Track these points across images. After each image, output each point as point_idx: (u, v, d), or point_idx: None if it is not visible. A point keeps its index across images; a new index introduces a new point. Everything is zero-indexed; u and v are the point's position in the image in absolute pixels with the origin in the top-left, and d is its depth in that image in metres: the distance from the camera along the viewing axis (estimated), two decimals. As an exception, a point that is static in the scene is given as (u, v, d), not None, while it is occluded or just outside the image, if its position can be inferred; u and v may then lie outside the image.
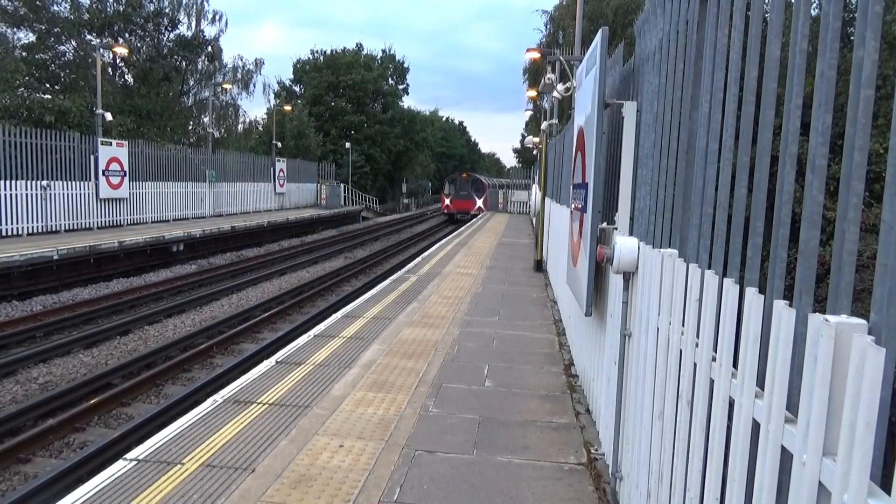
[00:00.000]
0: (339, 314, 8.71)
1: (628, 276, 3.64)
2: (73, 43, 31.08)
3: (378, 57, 61.51)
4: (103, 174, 20.44)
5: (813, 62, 1.82)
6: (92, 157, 20.11)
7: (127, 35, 33.37)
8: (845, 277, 1.60)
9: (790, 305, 1.74)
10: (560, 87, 11.50)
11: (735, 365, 2.10)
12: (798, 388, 1.65)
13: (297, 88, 56.66)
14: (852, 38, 1.64)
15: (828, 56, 1.72)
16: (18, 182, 17.37)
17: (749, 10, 2.30)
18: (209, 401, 5.20)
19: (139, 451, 4.22)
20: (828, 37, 1.72)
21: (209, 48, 37.37)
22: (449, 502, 3.78)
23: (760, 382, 1.90)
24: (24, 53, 29.11)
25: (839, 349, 1.47)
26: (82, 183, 19.83)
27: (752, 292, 1.96)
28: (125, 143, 21.97)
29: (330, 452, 4.35)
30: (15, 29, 29.48)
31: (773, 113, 2.03)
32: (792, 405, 1.71)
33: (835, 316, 1.52)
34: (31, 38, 30.28)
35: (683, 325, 2.60)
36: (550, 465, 4.33)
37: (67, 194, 19.20)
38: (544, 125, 16.43)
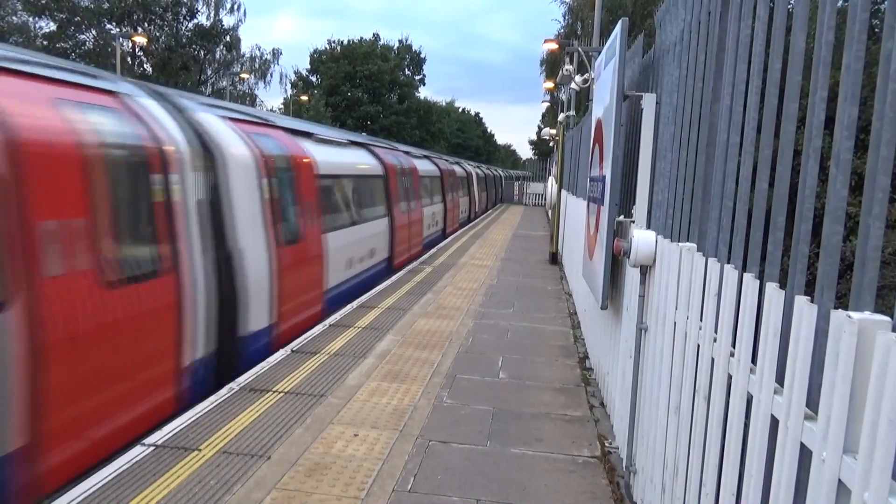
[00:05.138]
0: (354, 304, 8.75)
1: (645, 270, 3.62)
2: (94, 32, 31.40)
3: (394, 47, 61.50)
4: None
5: (839, 54, 1.78)
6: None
7: (146, 24, 33.63)
8: (869, 273, 1.58)
9: (811, 301, 1.72)
10: (578, 78, 11.39)
11: (754, 360, 2.08)
12: (818, 384, 1.63)
13: (313, 79, 56.82)
14: (877, 30, 1.61)
15: (854, 48, 1.69)
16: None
17: (773, 1, 2.26)
18: (225, 388, 5.26)
19: (157, 437, 4.28)
20: (855, 28, 1.68)
21: (227, 38, 37.58)
22: (462, 492, 3.80)
23: (779, 379, 1.88)
24: (45, 42, 29.45)
25: (862, 346, 1.45)
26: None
27: (772, 287, 1.93)
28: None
29: (345, 441, 4.39)
30: (37, 18, 29.84)
31: (796, 106, 1.99)
32: (812, 402, 1.70)
33: (858, 312, 1.50)
34: (52, 27, 30.65)
35: (701, 320, 2.58)
36: (564, 457, 4.33)
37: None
38: (561, 117, 16.33)
